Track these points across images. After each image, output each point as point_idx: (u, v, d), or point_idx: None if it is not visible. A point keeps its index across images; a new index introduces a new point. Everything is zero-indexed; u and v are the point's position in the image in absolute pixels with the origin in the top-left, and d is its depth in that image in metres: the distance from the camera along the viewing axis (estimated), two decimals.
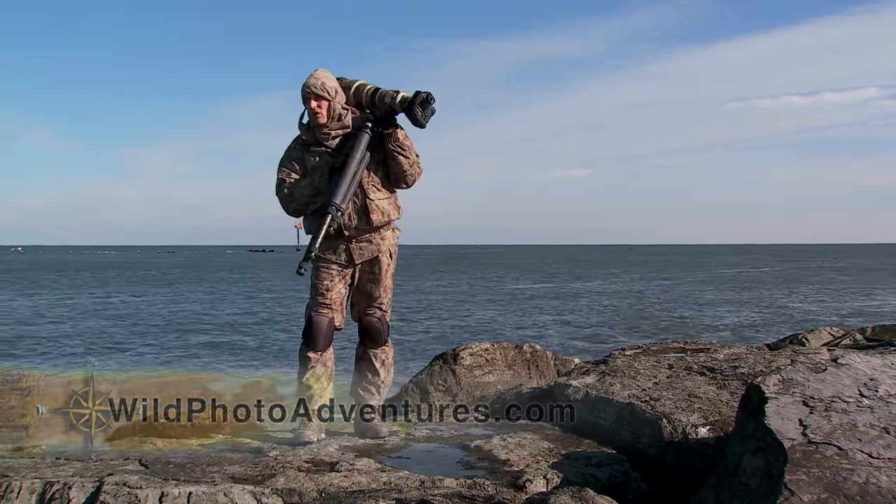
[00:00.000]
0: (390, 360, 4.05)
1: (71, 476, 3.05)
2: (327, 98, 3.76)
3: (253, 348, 17.07)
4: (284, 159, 3.91)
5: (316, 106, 3.75)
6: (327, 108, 3.77)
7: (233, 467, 3.33)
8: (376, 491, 3.02)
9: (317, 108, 3.75)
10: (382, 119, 3.81)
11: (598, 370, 4.79)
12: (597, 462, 3.57)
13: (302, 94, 3.79)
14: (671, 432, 3.82)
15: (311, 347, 3.88)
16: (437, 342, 17.07)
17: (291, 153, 3.91)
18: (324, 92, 3.74)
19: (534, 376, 6.22)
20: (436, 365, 5.96)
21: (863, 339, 6.85)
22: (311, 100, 3.75)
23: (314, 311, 3.88)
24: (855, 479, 2.64)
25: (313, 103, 3.75)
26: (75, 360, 14.30)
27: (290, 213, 3.91)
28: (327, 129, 3.80)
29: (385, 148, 3.80)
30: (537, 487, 3.20)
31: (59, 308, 27.03)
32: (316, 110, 3.75)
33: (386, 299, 3.99)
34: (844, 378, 3.34)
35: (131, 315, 24.47)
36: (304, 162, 3.85)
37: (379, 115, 3.82)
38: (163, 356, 15.85)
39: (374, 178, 3.83)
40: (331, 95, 3.76)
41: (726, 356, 4.90)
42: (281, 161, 3.92)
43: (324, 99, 3.75)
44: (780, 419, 2.97)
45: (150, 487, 2.89)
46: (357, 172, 3.72)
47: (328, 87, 3.75)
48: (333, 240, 3.83)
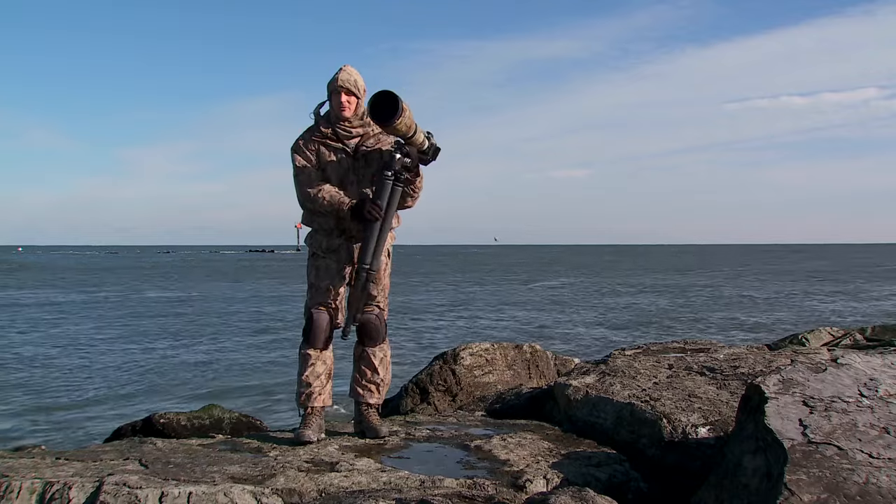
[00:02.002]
0: (388, 359, 4.06)
1: (71, 476, 3.05)
2: (357, 95, 3.78)
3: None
4: (299, 146, 3.85)
5: (346, 101, 3.76)
6: (356, 104, 3.80)
7: (233, 467, 3.33)
8: (376, 491, 3.02)
9: (346, 103, 3.77)
10: (411, 167, 3.80)
11: (598, 370, 4.79)
12: (597, 462, 3.57)
13: (330, 88, 3.78)
14: (671, 432, 3.82)
15: (310, 345, 3.89)
16: (437, 342, 17.07)
17: (307, 142, 3.86)
18: (356, 89, 3.77)
19: (534, 376, 6.22)
20: (436, 365, 5.96)
21: (863, 339, 6.86)
22: (343, 94, 3.75)
23: (314, 309, 3.89)
24: (855, 479, 2.64)
25: (343, 97, 3.76)
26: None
27: (305, 208, 3.90)
28: (349, 125, 3.81)
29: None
30: (537, 487, 3.21)
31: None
32: (344, 105, 3.77)
33: (383, 298, 4.00)
34: (844, 378, 3.34)
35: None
36: (319, 154, 3.83)
37: (408, 155, 3.76)
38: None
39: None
40: (360, 93, 3.79)
41: (726, 356, 4.90)
42: (295, 147, 3.86)
43: (354, 95, 3.78)
44: (780, 419, 2.97)
45: (150, 487, 2.89)
46: (387, 229, 3.75)
47: (360, 84, 3.78)
48: (334, 239, 3.87)
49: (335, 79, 3.76)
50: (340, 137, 3.81)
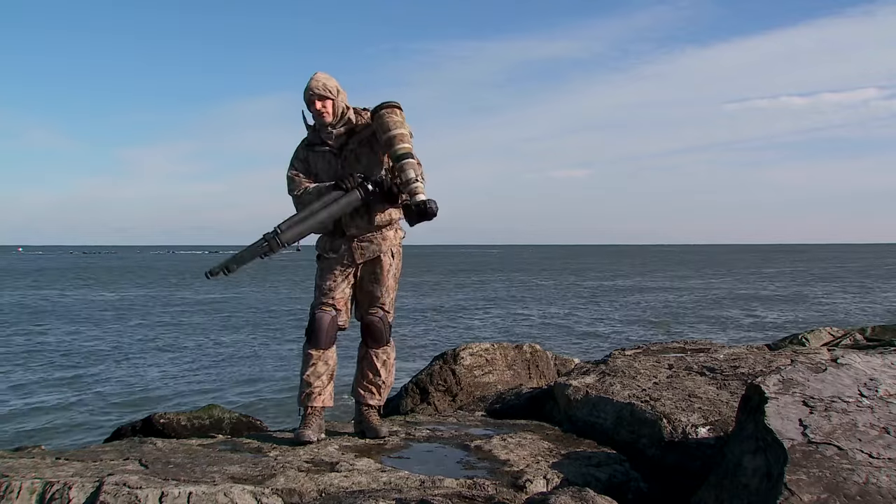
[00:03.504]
0: (392, 361, 4.06)
1: (71, 476, 3.05)
2: (331, 97, 3.80)
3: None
4: (294, 158, 3.98)
5: (321, 106, 3.80)
6: (332, 106, 3.82)
7: (233, 467, 3.33)
8: (376, 491, 3.02)
9: (322, 109, 3.80)
10: (388, 194, 3.79)
11: (598, 370, 4.79)
12: (597, 462, 3.57)
13: (305, 99, 3.84)
14: (671, 432, 3.82)
15: (313, 345, 3.89)
16: (438, 342, 17.07)
17: (299, 153, 3.98)
18: (326, 92, 3.78)
19: (534, 376, 6.22)
20: (436, 365, 5.96)
21: (863, 339, 6.86)
22: (316, 101, 3.79)
23: (318, 309, 3.91)
24: (855, 479, 2.64)
25: (318, 104, 3.80)
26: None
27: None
28: (332, 129, 3.85)
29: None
30: (537, 487, 3.20)
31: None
32: (322, 111, 3.80)
33: (388, 299, 3.99)
34: (844, 378, 3.34)
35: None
36: (309, 162, 3.92)
37: (381, 184, 3.77)
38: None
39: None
40: (333, 94, 3.80)
41: (726, 356, 4.90)
42: (291, 160, 3.98)
43: (327, 98, 3.80)
44: (780, 419, 2.97)
45: (150, 487, 2.89)
46: (322, 221, 3.71)
47: (329, 86, 3.80)
48: (336, 239, 3.89)
49: (307, 89, 3.80)
50: (324, 140, 3.88)
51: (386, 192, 3.79)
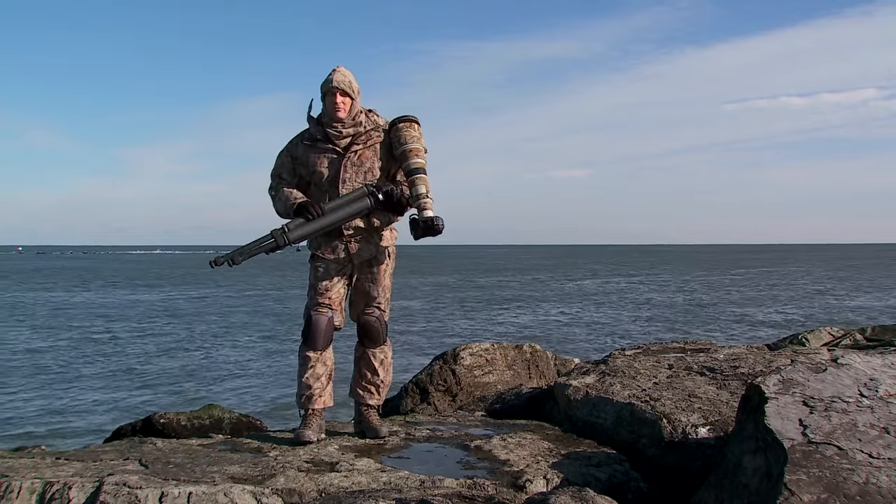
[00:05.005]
0: (389, 360, 4.05)
1: (71, 476, 3.05)
2: (352, 96, 3.76)
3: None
4: (282, 154, 3.90)
5: (341, 102, 3.74)
6: (350, 105, 3.77)
7: (233, 467, 3.33)
8: (376, 491, 3.02)
9: (340, 104, 3.74)
10: (396, 205, 3.78)
11: (598, 370, 4.79)
12: (597, 462, 3.57)
13: (324, 89, 3.76)
14: (671, 432, 3.82)
15: (310, 347, 3.87)
16: (438, 342, 17.07)
17: (292, 149, 3.89)
18: (349, 89, 3.74)
19: (534, 376, 6.22)
20: (436, 365, 5.96)
21: (863, 339, 6.86)
22: (338, 94, 3.73)
23: (313, 311, 3.87)
24: (855, 479, 2.64)
25: (339, 98, 3.73)
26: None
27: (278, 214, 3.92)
28: (342, 126, 3.78)
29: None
30: (537, 487, 3.20)
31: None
32: (339, 106, 3.74)
33: (384, 299, 3.98)
34: (844, 378, 3.34)
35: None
36: (307, 160, 3.83)
37: (391, 195, 3.76)
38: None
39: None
40: (354, 94, 3.77)
41: (726, 356, 4.90)
42: (278, 155, 3.90)
43: (349, 96, 3.76)
44: (780, 419, 2.97)
45: (150, 487, 2.89)
46: (329, 224, 3.70)
47: (354, 86, 3.76)
48: (332, 239, 3.83)
49: (330, 79, 3.74)
50: (331, 138, 3.79)
51: (395, 203, 3.79)
